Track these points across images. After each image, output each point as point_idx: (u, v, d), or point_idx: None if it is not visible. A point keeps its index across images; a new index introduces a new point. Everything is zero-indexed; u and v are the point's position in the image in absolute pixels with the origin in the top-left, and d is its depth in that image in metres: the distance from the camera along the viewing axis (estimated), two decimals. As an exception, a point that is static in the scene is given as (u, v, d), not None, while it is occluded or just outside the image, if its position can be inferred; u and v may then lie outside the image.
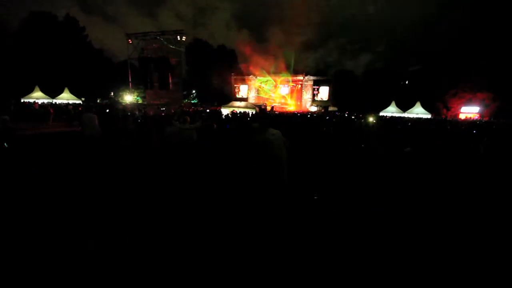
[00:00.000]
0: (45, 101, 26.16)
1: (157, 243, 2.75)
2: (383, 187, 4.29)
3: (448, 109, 32.29)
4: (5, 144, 3.78)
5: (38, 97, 26.28)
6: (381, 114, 26.86)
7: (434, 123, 13.33)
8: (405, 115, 26.16)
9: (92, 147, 5.33)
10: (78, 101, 27.32)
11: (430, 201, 3.89)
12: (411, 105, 28.50)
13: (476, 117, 27.03)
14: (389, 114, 25.83)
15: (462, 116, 28.11)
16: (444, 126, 11.70)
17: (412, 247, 2.85)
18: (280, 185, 3.72)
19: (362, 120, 12.61)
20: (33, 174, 4.68)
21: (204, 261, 2.49)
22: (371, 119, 12.97)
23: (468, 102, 30.54)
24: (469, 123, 12.33)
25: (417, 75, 39.99)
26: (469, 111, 29.12)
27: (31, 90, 26.90)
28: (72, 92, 28.32)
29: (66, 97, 27.12)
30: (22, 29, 34.28)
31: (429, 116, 25.86)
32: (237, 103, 28.02)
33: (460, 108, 30.37)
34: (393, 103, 29.38)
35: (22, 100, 24.61)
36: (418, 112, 26.83)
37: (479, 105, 29.37)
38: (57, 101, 26.37)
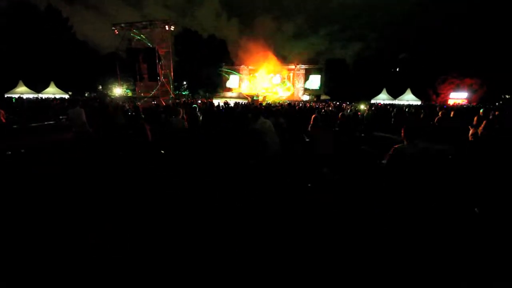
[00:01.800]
0: (31, 96, 25.39)
1: (157, 242, 2.76)
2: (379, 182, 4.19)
3: (437, 95, 32.77)
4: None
5: (22, 92, 25.48)
6: (372, 101, 27.10)
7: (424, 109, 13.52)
8: (396, 102, 26.46)
9: (82, 144, 5.21)
10: (65, 95, 26.62)
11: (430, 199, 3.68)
12: (402, 92, 28.81)
13: (464, 103, 27.56)
14: (381, 101, 26.08)
15: (450, 102, 28.61)
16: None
17: (411, 244, 2.82)
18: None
19: (352, 108, 12.71)
20: (30, 174, 4.61)
21: (204, 260, 2.49)
22: (362, 106, 13.08)
23: (457, 88, 31.04)
24: (457, 109, 12.50)
25: (407, 62, 40.22)
26: (458, 97, 29.64)
27: (15, 85, 26.02)
28: (58, 86, 27.53)
29: (52, 91, 26.37)
30: (1, 21, 32.69)
31: (419, 102, 26.24)
32: (229, 94, 27.84)
33: (449, 94, 30.85)
34: (384, 91, 29.63)
35: (5, 96, 23.84)
36: (408, 99, 27.18)
37: (467, 91, 29.89)
38: (43, 95, 25.61)
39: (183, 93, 42.24)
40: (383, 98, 28.38)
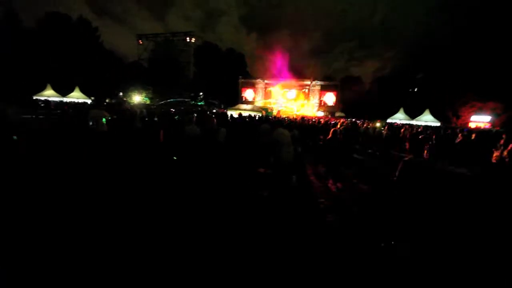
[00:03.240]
0: (56, 99, 26.78)
1: (156, 242, 2.73)
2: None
3: (458, 117, 31.71)
4: (14, 137, 3.84)
5: (49, 95, 26.91)
6: (388, 121, 26.53)
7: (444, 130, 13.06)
8: (414, 122, 25.78)
9: (98, 143, 5.39)
10: (88, 100, 27.83)
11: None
12: (420, 112, 28.10)
13: (487, 127, 26.44)
14: (397, 121, 25.49)
15: (472, 125, 27.54)
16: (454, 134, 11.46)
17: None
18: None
19: (369, 126, 12.44)
20: (40, 169, 4.75)
21: (205, 260, 2.46)
22: (378, 124, 12.80)
23: (479, 111, 29.96)
24: (480, 132, 11.99)
25: (426, 82, 39.49)
26: (480, 120, 28.50)
27: (43, 88, 27.56)
28: (82, 91, 28.88)
29: (76, 96, 27.68)
30: (37, 29, 35.23)
31: (438, 124, 25.43)
32: (244, 106, 28.17)
33: (470, 116, 29.77)
34: (401, 110, 29.01)
35: (34, 97, 25.22)
36: (427, 119, 26.43)
37: (490, 114, 28.75)
38: (68, 99, 26.94)
39: (199, 104, 43.19)
40: (400, 118, 27.74)
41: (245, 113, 16.94)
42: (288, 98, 35.37)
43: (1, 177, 3.67)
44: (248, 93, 36.49)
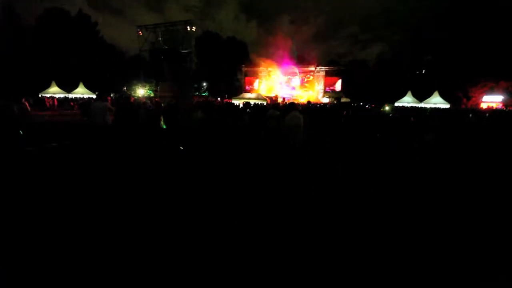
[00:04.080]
0: (62, 95, 26.98)
1: (157, 239, 2.67)
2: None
3: (468, 98, 30.82)
4: (20, 131, 3.81)
5: (54, 91, 27.11)
6: (396, 104, 25.97)
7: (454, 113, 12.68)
8: (422, 105, 25.17)
9: (101, 137, 5.33)
10: (93, 95, 27.92)
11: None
12: (429, 94, 27.36)
13: (499, 106, 25.66)
14: (406, 104, 24.92)
15: (483, 106, 26.76)
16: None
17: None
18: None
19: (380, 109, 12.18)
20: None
21: (205, 259, 2.39)
22: (387, 108, 12.52)
23: (490, 90, 29.00)
24: (493, 112, 11.60)
25: (434, 63, 38.29)
26: (492, 100, 27.63)
27: (48, 85, 27.74)
28: (86, 86, 28.96)
29: (81, 92, 27.79)
30: (38, 26, 35.12)
31: (447, 106, 24.79)
32: (248, 95, 27.84)
33: (482, 97, 28.88)
34: (409, 93, 28.29)
35: (39, 95, 25.42)
36: (436, 102, 25.74)
37: (502, 94, 27.82)
38: (73, 95, 27.10)
39: (203, 94, 42.97)
40: (408, 101, 27.10)
41: (251, 102, 16.73)
42: (293, 85, 34.85)
43: (5, 170, 3.66)
44: (251, 82, 36.05)
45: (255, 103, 15.30)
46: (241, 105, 10.87)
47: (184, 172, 4.28)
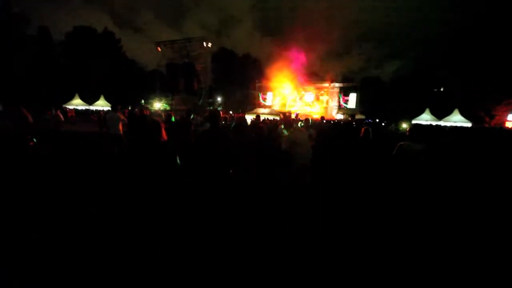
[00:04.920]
0: (83, 107, 28.26)
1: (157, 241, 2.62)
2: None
3: (491, 117, 29.48)
4: (34, 139, 3.87)
5: (77, 104, 28.45)
6: (413, 122, 25.20)
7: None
8: (441, 123, 24.27)
9: (114, 146, 5.44)
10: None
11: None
12: (448, 112, 26.42)
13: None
14: (423, 122, 24.15)
15: (509, 125, 25.43)
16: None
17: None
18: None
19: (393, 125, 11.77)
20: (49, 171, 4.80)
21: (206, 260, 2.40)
22: (404, 126, 12.07)
23: (516, 109, 27.66)
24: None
25: (453, 80, 37.29)
26: (517, 119, 26.26)
27: (72, 97, 29.20)
28: (107, 99, 30.22)
29: (101, 104, 28.98)
30: (66, 42, 37.60)
31: (469, 124, 23.75)
32: (261, 110, 28.02)
33: (507, 115, 27.51)
34: (427, 110, 27.47)
35: (63, 106, 26.71)
36: (456, 120, 24.78)
37: (528, 113, 26.42)
38: (94, 107, 28.31)
39: (218, 108, 43.70)
40: (426, 119, 26.25)
41: (263, 117, 16.76)
42: (306, 101, 34.83)
43: (15, 176, 3.70)
44: (265, 97, 36.40)
45: (264, 118, 15.29)
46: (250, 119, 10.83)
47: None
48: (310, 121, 9.26)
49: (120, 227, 2.97)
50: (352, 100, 33.93)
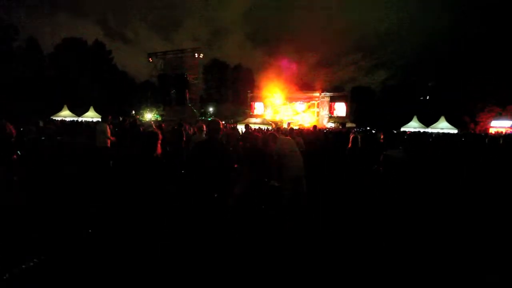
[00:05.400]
0: (72, 118, 27.68)
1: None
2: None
3: (476, 123, 30.49)
4: (18, 152, 3.74)
5: (65, 115, 27.82)
6: (402, 129, 25.78)
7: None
8: (429, 130, 24.90)
9: (102, 157, 5.35)
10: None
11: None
12: (435, 120, 27.18)
13: (510, 131, 25.16)
14: (412, 129, 24.71)
15: (492, 130, 26.30)
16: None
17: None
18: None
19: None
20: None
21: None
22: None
23: (498, 116, 28.73)
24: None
25: (439, 89, 38.64)
26: (500, 125, 27.20)
27: (60, 109, 28.60)
28: (96, 110, 29.74)
29: (91, 115, 28.44)
30: (55, 54, 37.25)
31: (455, 131, 24.45)
32: (253, 120, 28.15)
33: (490, 122, 28.52)
34: (415, 118, 28.18)
35: (51, 118, 26.13)
36: (443, 127, 25.46)
37: (510, 119, 27.45)
38: (83, 119, 27.75)
39: (209, 119, 43.73)
40: (414, 126, 26.90)
41: (255, 127, 16.84)
42: (297, 110, 35.23)
43: None
44: (257, 107, 36.63)
45: (257, 128, 15.35)
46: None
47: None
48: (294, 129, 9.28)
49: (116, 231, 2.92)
50: (342, 109, 34.58)
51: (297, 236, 3.26)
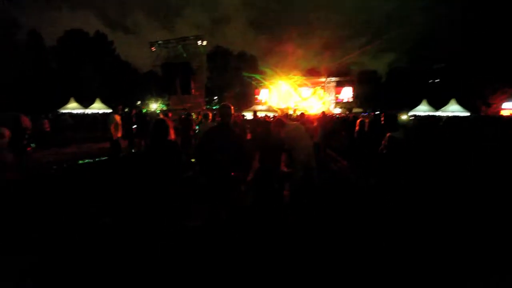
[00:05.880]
0: (80, 111, 27.92)
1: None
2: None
3: (488, 105, 29.62)
4: (31, 144, 3.78)
5: (73, 107, 28.08)
6: (411, 113, 25.27)
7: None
8: (439, 113, 24.34)
9: (114, 148, 5.40)
10: (109, 110, 28.70)
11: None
12: (445, 103, 26.46)
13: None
14: (421, 113, 24.19)
15: (504, 113, 25.54)
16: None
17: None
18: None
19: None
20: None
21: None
22: (404, 117, 12.00)
23: (510, 97, 27.78)
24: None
25: (449, 71, 37.42)
26: (512, 107, 26.33)
27: (67, 102, 28.82)
28: (103, 102, 29.87)
29: (97, 107, 28.62)
30: (58, 47, 37.13)
31: (467, 113, 23.82)
32: (259, 107, 27.94)
33: (502, 104, 27.64)
34: (424, 101, 27.49)
35: (59, 111, 26.40)
36: (453, 110, 24.80)
37: (524, 100, 26.52)
38: (90, 110, 27.98)
39: (214, 108, 43.54)
40: (423, 110, 26.28)
41: (260, 114, 16.68)
42: (303, 96, 34.72)
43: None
44: (262, 94, 36.22)
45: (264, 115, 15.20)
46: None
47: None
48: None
49: (121, 228, 2.92)
50: (349, 93, 33.95)
51: (305, 225, 3.26)
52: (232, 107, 2.81)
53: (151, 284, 2.08)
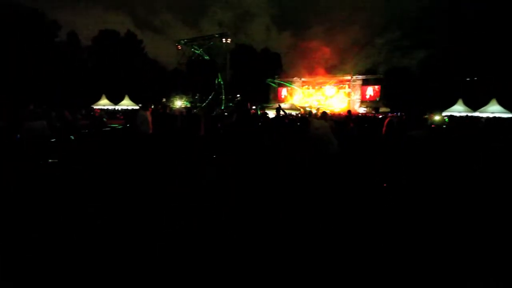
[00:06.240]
0: (110, 107, 29.56)
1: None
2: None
3: (534, 106, 26.89)
4: (71, 137, 4.06)
5: (104, 104, 29.79)
6: (445, 114, 23.64)
7: None
8: (477, 114, 22.53)
9: (144, 143, 5.61)
10: (136, 107, 30.03)
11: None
12: (484, 103, 24.39)
13: None
14: (456, 114, 22.54)
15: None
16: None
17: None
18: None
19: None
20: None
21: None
22: (437, 118, 11.25)
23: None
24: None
25: (489, 68, 34.48)
26: None
27: (99, 98, 30.64)
28: (131, 99, 31.33)
29: (126, 104, 30.10)
30: (92, 46, 39.52)
31: (509, 115, 21.79)
32: (282, 105, 27.66)
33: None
34: (460, 101, 25.56)
35: (91, 107, 28.09)
36: (494, 110, 22.79)
37: None
38: (119, 107, 29.50)
39: (236, 101, 43.87)
40: (459, 110, 24.44)
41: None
42: (327, 95, 33.91)
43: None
44: (285, 92, 35.89)
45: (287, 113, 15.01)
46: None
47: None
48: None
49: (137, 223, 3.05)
50: (375, 92, 32.56)
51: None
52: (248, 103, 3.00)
53: (151, 284, 2.07)
